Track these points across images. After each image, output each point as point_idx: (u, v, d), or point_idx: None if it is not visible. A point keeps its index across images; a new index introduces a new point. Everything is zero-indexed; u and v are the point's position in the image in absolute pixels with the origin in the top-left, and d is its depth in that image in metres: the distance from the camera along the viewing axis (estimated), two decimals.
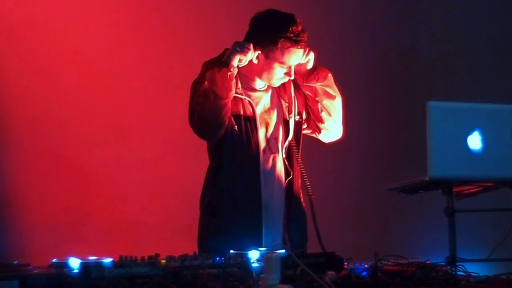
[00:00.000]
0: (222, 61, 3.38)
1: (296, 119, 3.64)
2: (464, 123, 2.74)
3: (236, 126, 3.48)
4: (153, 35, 4.74)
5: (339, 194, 5.10)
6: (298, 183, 3.66)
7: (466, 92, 5.11)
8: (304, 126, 3.72)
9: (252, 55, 3.42)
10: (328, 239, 4.67)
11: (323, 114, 3.67)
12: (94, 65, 4.62)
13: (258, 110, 3.57)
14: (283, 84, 3.63)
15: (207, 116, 3.41)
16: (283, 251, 2.72)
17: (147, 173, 4.65)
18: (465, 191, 2.99)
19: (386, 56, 5.20)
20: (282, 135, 3.60)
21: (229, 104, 3.42)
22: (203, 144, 4.74)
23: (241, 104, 3.51)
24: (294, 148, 3.62)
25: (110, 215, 4.57)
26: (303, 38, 3.43)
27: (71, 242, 4.48)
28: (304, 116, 3.69)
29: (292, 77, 3.53)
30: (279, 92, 3.65)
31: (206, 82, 3.40)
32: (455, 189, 2.80)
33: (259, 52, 3.46)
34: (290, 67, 3.49)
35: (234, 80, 3.39)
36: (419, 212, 4.56)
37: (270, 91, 3.63)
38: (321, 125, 3.71)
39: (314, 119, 3.70)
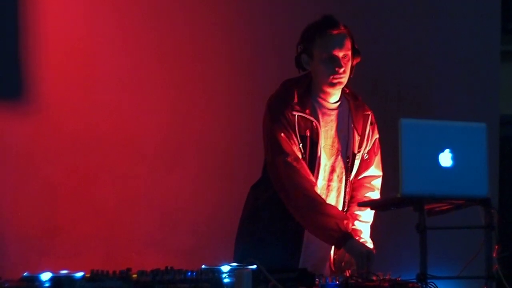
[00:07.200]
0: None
1: (365, 158, 3.58)
2: (436, 140, 2.77)
3: (301, 144, 3.41)
4: (125, 48, 4.70)
5: None
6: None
7: (437, 110, 5.14)
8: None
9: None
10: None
11: None
12: (64, 77, 4.58)
13: (325, 135, 3.49)
14: (361, 115, 3.57)
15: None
16: (254, 266, 2.72)
17: (119, 186, 4.61)
18: (437, 209, 3.01)
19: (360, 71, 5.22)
20: (342, 166, 3.52)
21: None
22: (177, 158, 4.75)
23: (309, 124, 3.43)
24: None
25: (82, 228, 4.53)
26: (336, 24, 3.40)
27: (42, 255, 4.44)
28: (365, 156, 3.60)
29: (342, 68, 3.40)
30: (354, 121, 3.55)
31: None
32: (427, 207, 2.82)
33: None
34: (335, 57, 3.40)
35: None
36: (391, 229, 4.56)
37: (339, 116, 3.55)
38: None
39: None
